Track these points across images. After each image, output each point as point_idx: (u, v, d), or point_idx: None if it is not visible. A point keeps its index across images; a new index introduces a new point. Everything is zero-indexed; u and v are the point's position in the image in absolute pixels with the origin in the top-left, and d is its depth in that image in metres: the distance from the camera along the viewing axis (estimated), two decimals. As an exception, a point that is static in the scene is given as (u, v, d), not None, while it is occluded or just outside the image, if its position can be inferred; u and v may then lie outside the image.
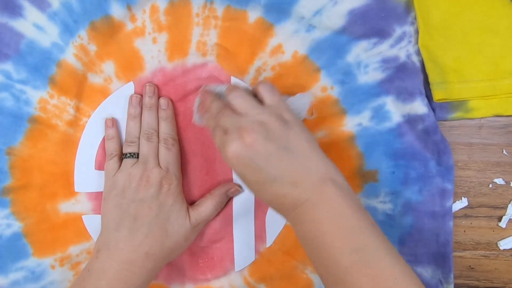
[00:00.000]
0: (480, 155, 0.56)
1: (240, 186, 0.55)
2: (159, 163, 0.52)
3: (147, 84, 0.54)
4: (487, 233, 0.56)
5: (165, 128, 0.53)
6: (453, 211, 0.55)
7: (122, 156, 0.53)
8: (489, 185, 0.56)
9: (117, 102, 0.55)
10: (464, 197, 0.56)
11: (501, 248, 0.56)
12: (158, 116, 0.54)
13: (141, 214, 0.49)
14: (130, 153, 0.52)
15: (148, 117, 0.53)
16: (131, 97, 0.54)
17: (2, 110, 0.55)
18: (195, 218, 0.52)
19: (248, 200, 0.55)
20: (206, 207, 0.53)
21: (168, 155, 0.52)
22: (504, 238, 0.56)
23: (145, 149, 0.52)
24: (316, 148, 0.44)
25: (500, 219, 0.56)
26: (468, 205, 0.56)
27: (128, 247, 0.48)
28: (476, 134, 0.55)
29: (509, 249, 0.56)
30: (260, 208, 0.56)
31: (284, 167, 0.42)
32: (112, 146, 0.54)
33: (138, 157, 0.52)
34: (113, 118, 0.54)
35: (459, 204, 0.56)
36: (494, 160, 0.56)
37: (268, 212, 0.56)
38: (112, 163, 0.53)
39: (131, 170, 0.51)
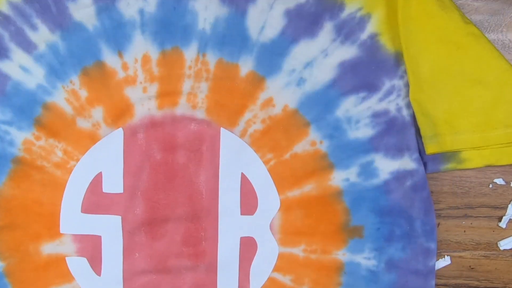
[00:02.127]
0: None
1: None
2: None
3: None
4: (487, 233, 0.57)
5: None
6: (435, 269, 0.55)
7: None
8: (489, 185, 0.56)
9: (107, 148, 0.55)
10: (447, 256, 0.56)
11: (501, 248, 0.56)
12: None
13: None
14: None
15: None
16: None
17: (-14, 151, 0.54)
18: None
19: (233, 250, 0.55)
20: None
21: None
22: (504, 238, 0.57)
23: None
24: None
25: (500, 219, 0.56)
26: (450, 263, 0.57)
27: None
28: None
29: (509, 249, 0.56)
30: (244, 258, 0.55)
31: None
32: None
33: None
34: None
35: (442, 263, 0.56)
36: None
37: (252, 263, 0.55)
38: None
39: None
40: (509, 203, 0.56)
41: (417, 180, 0.54)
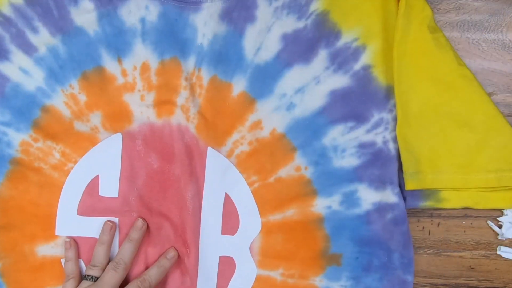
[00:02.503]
0: None
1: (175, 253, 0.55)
2: None
3: (139, 219, 0.55)
4: (487, 233, 0.57)
5: (125, 251, 0.54)
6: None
7: (79, 278, 0.54)
8: None
9: (105, 151, 0.55)
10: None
11: (498, 253, 0.57)
12: (135, 250, 0.54)
13: None
14: (89, 276, 0.53)
15: (126, 250, 0.54)
16: (104, 223, 0.55)
17: (-16, 152, 0.56)
18: None
19: (212, 268, 0.56)
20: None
21: (112, 278, 0.53)
22: (503, 239, 0.57)
23: (107, 276, 0.53)
24: None
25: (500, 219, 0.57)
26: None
27: None
28: None
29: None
30: (223, 277, 0.56)
31: None
32: (70, 268, 0.54)
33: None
34: (71, 240, 0.55)
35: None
36: None
37: (230, 283, 0.56)
38: (69, 284, 0.54)
39: None
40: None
41: (398, 214, 0.54)
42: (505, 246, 0.57)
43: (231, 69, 0.54)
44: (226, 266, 0.56)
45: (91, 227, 0.56)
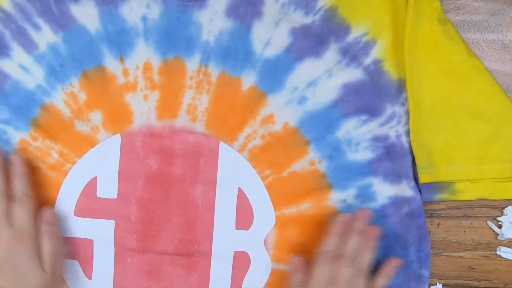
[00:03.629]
0: None
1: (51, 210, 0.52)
2: (9, 222, 0.50)
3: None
4: (487, 233, 0.57)
5: (19, 185, 0.51)
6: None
7: None
8: None
9: (104, 153, 0.54)
10: (439, 283, 0.56)
11: (498, 253, 0.57)
12: (6, 176, 0.52)
13: None
14: None
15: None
16: None
17: (-19, 149, 0.53)
18: (49, 266, 0.50)
19: (227, 264, 0.55)
20: (45, 246, 0.51)
21: (21, 214, 0.50)
22: (503, 240, 0.57)
23: None
24: None
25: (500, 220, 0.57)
26: None
27: None
28: None
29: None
30: (237, 273, 0.55)
31: None
32: None
33: None
34: None
35: (434, 290, 0.56)
36: None
37: (245, 278, 0.55)
38: None
39: None
40: (506, 207, 0.57)
41: (414, 208, 0.54)
42: (505, 246, 0.57)
43: (240, 64, 0.53)
44: (241, 261, 0.55)
45: (88, 228, 0.55)
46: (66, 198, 0.55)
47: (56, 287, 0.52)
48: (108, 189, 0.54)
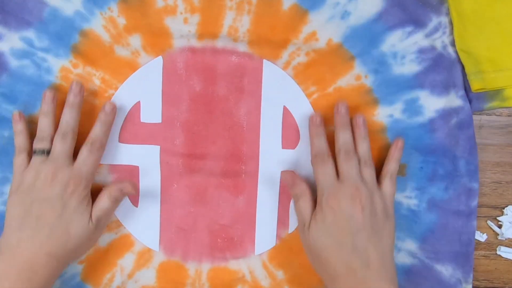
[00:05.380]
0: (480, 155, 0.55)
1: (134, 187, 0.52)
2: (72, 163, 0.50)
3: (74, 82, 0.52)
4: (487, 233, 0.56)
5: (98, 131, 0.52)
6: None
7: (31, 153, 0.51)
8: (489, 185, 0.55)
9: (146, 76, 0.54)
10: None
11: (498, 253, 0.56)
12: (78, 116, 0.52)
13: (44, 214, 0.48)
14: (39, 149, 0.50)
15: (69, 116, 0.51)
16: (44, 93, 0.52)
17: (23, 78, 0.53)
18: (96, 216, 0.50)
19: (274, 184, 0.54)
20: (103, 202, 0.51)
21: (88, 158, 0.50)
22: (503, 239, 0.56)
23: (58, 147, 0.50)
24: (392, 257, 0.49)
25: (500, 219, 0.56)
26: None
27: (30, 248, 0.47)
28: (476, 134, 0.54)
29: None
30: (284, 193, 0.55)
31: (367, 246, 0.47)
32: (20, 141, 0.51)
33: (48, 155, 0.50)
34: (20, 112, 0.52)
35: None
36: (494, 160, 0.55)
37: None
38: (20, 159, 0.51)
39: (39, 167, 0.49)
40: (509, 204, 0.56)
41: (463, 118, 0.53)
42: (505, 246, 0.56)
43: None
44: None
45: (133, 154, 0.54)
46: None
47: (95, 239, 0.52)
48: (152, 113, 0.54)
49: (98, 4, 0.53)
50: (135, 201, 0.55)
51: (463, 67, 0.52)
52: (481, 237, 0.56)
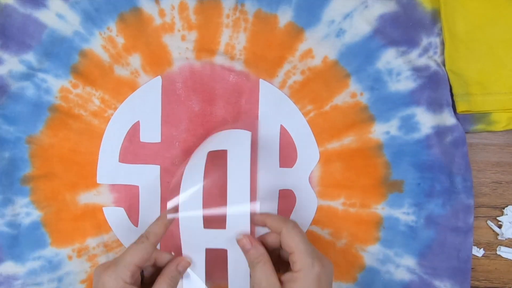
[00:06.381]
0: (480, 155, 0.55)
1: (188, 261, 0.49)
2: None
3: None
4: (487, 233, 0.56)
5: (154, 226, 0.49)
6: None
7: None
8: (489, 185, 0.56)
9: (145, 96, 0.54)
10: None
11: (498, 253, 0.56)
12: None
13: None
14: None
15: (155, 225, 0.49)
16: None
17: (23, 99, 0.54)
18: None
19: (272, 203, 0.55)
20: None
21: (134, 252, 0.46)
22: (503, 239, 0.56)
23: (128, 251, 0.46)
24: None
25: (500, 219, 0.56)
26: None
27: None
28: (476, 134, 0.55)
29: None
30: (283, 211, 0.55)
31: None
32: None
33: None
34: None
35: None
36: (494, 160, 0.55)
37: (291, 216, 0.55)
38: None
39: None
40: (509, 204, 0.56)
41: (457, 136, 0.53)
42: (505, 246, 0.56)
43: (276, 1, 0.53)
44: (286, 199, 0.54)
45: (133, 174, 0.55)
46: (110, 144, 0.55)
47: None
48: (151, 133, 0.54)
49: (97, 24, 0.53)
50: (135, 221, 0.55)
51: (451, 88, 0.53)
52: (478, 252, 0.56)
